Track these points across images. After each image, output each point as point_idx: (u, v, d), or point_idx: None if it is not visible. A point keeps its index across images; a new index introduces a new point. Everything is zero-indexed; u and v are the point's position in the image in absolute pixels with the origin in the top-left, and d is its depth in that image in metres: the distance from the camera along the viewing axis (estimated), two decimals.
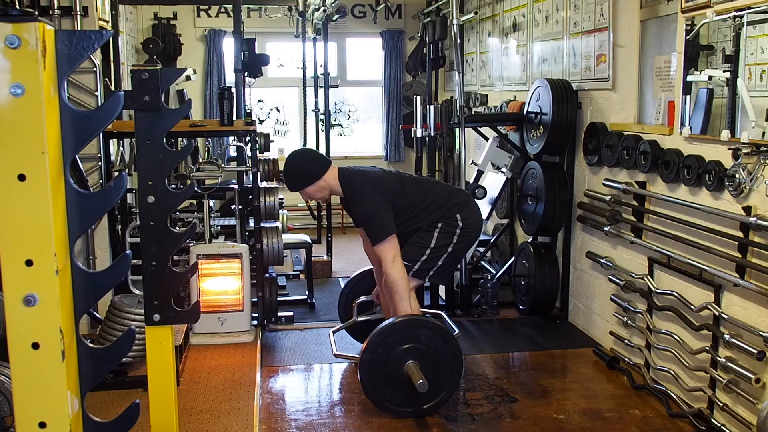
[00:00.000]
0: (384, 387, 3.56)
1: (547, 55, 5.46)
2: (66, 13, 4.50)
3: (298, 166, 3.85)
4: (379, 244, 3.68)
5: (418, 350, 3.53)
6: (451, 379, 3.61)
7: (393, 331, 3.54)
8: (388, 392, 3.57)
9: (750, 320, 3.18)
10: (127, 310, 3.62)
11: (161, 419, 1.99)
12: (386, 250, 3.66)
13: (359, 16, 8.63)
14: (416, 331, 3.55)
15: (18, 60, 1.37)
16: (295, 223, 8.03)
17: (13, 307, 1.45)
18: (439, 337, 3.57)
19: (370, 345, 3.53)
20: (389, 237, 3.67)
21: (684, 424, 3.54)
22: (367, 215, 3.76)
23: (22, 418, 1.49)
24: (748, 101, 3.17)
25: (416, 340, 3.53)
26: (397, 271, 3.66)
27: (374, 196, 3.75)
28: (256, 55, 5.56)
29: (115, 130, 4.47)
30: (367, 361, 3.53)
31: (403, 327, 3.56)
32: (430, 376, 3.44)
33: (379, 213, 3.71)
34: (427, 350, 3.54)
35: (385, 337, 3.53)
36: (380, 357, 3.52)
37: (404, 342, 3.52)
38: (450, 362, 3.59)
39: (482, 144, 5.95)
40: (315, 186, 3.81)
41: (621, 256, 4.35)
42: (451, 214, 3.83)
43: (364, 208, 3.78)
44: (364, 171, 3.92)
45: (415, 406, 3.59)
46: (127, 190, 4.57)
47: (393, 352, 3.52)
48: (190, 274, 2.91)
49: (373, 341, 3.53)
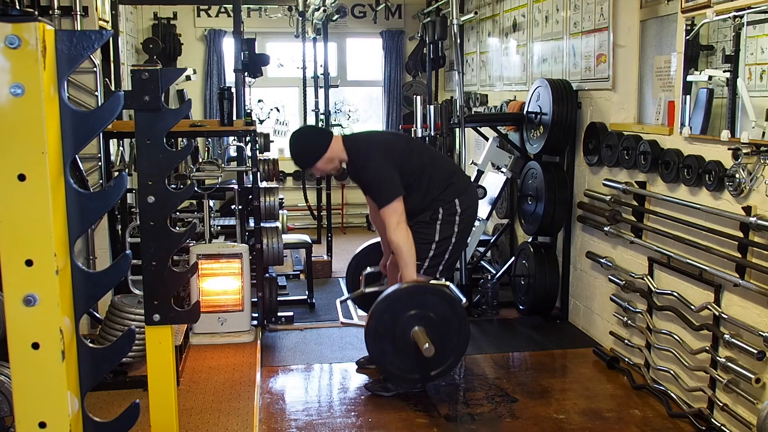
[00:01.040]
0: (391, 354, 3.50)
1: (547, 55, 5.46)
2: (66, 13, 4.50)
3: (304, 146, 3.87)
4: (385, 207, 3.65)
5: (425, 316, 3.46)
6: (458, 346, 3.54)
7: (399, 297, 3.48)
8: (394, 359, 3.51)
9: (750, 320, 3.18)
10: (127, 310, 3.61)
11: (161, 419, 1.99)
12: (391, 215, 3.63)
13: (359, 16, 8.63)
14: (423, 298, 3.49)
15: (18, 60, 1.37)
16: (295, 223, 8.03)
17: (13, 307, 1.44)
18: (445, 303, 3.50)
19: (376, 311, 3.47)
20: (395, 200, 3.64)
21: (684, 424, 3.53)
22: (373, 180, 3.75)
23: (22, 418, 1.49)
24: (748, 101, 3.17)
25: (423, 306, 3.47)
26: (401, 236, 3.62)
27: (380, 160, 3.74)
28: (256, 55, 5.55)
29: (115, 130, 4.47)
30: (374, 328, 3.47)
31: (410, 293, 3.50)
32: (437, 342, 3.37)
33: (385, 176, 3.69)
34: (434, 317, 3.47)
35: (391, 303, 3.47)
36: (386, 323, 3.45)
37: (411, 308, 3.46)
38: (457, 329, 3.52)
39: (482, 144, 5.95)
40: (323, 160, 3.81)
41: (621, 256, 4.35)
42: (451, 198, 3.80)
43: (370, 173, 3.76)
44: (370, 135, 3.90)
45: (422, 373, 3.53)
46: (127, 190, 4.58)
47: (399, 318, 3.45)
48: (190, 274, 2.91)
49: (380, 307, 3.47)
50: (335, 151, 3.81)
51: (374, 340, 3.49)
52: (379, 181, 3.70)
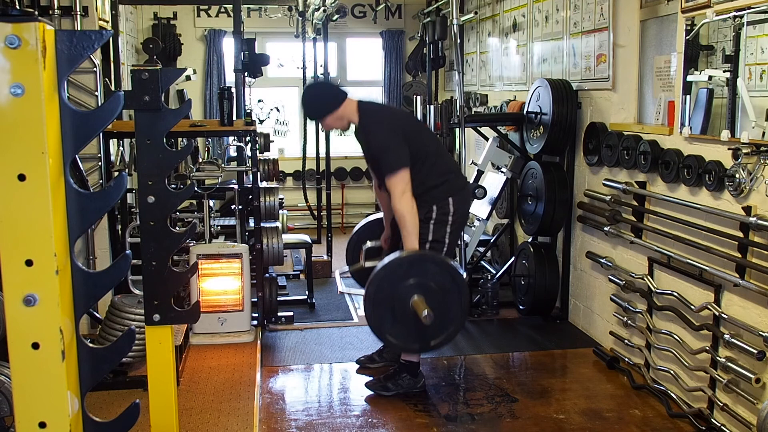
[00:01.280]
0: (390, 322, 3.44)
1: (547, 55, 5.46)
2: (66, 13, 4.49)
3: (318, 97, 3.89)
4: (391, 175, 3.64)
5: (425, 285, 3.40)
6: (457, 316, 3.48)
7: (399, 264, 3.43)
8: (394, 328, 3.46)
9: (750, 320, 3.18)
10: (127, 310, 3.61)
11: (161, 419, 1.99)
12: (397, 183, 3.63)
13: (359, 16, 8.63)
14: (423, 266, 3.44)
15: (18, 60, 1.37)
16: (295, 223, 8.03)
17: (13, 307, 1.44)
18: (446, 273, 3.45)
19: (375, 278, 3.41)
20: (401, 170, 3.63)
21: (684, 424, 3.54)
22: (382, 146, 3.73)
23: (22, 418, 1.49)
24: (748, 101, 3.17)
25: (423, 275, 3.41)
26: (406, 205, 3.61)
27: (391, 130, 3.75)
28: (256, 55, 5.55)
29: (115, 130, 4.47)
30: (373, 295, 3.41)
31: (410, 261, 3.45)
32: (436, 312, 3.31)
33: (394, 145, 3.69)
34: (434, 286, 3.41)
35: (391, 271, 3.42)
36: (386, 291, 3.39)
37: (411, 276, 3.40)
38: (457, 299, 3.45)
39: (482, 144, 5.95)
40: (333, 116, 3.82)
41: (621, 256, 4.35)
42: (445, 196, 3.79)
43: (380, 139, 3.76)
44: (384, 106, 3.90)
45: (421, 342, 3.48)
46: (127, 190, 4.57)
47: (399, 287, 3.40)
48: (190, 274, 2.91)
49: (379, 275, 3.41)
50: (347, 111, 3.82)
51: (373, 307, 3.42)
52: (388, 149, 3.70)
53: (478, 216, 5.52)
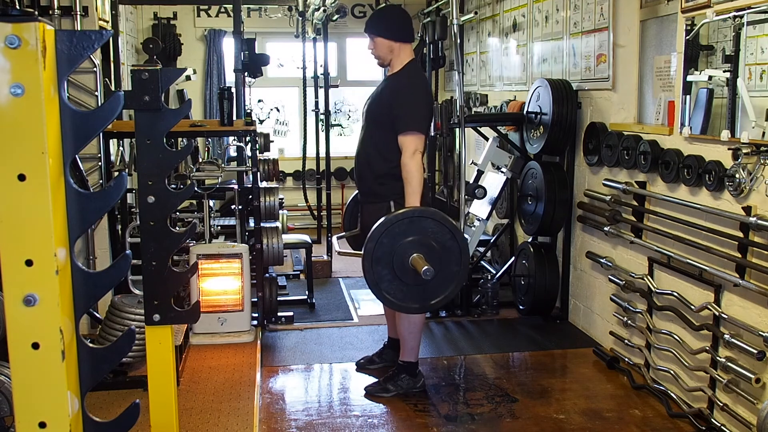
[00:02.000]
0: (388, 280, 3.38)
1: (547, 55, 5.46)
2: (66, 13, 4.49)
3: (392, 16, 3.89)
4: (406, 133, 3.64)
5: (425, 243, 3.33)
6: (458, 275, 3.43)
7: (399, 220, 3.36)
8: (392, 286, 3.40)
9: (750, 320, 3.18)
10: (127, 310, 3.61)
11: (161, 419, 1.99)
12: (411, 141, 3.63)
13: (359, 16, 8.63)
14: (423, 223, 3.37)
15: (18, 60, 1.37)
16: (295, 223, 8.03)
17: (13, 307, 1.44)
18: (446, 230, 3.38)
19: (374, 234, 3.34)
20: (419, 132, 3.65)
21: (684, 424, 3.54)
22: (410, 100, 3.71)
23: (22, 418, 1.48)
24: (748, 101, 3.17)
25: (423, 232, 3.35)
26: (415, 164, 3.62)
27: (425, 96, 3.79)
28: (256, 55, 5.55)
29: (115, 130, 4.47)
30: (371, 251, 3.34)
31: (410, 218, 3.39)
32: (436, 269, 3.25)
33: (421, 108, 3.70)
34: (434, 244, 3.35)
35: (390, 226, 3.34)
36: (385, 247, 3.33)
37: (410, 234, 3.34)
38: (457, 258, 3.40)
39: (482, 144, 5.95)
40: (386, 43, 3.81)
41: (621, 256, 4.35)
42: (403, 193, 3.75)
43: (412, 93, 3.74)
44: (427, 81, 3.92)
45: (421, 301, 3.44)
46: (127, 190, 4.57)
47: (398, 244, 3.34)
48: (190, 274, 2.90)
49: (378, 230, 3.35)
50: (401, 51, 3.82)
51: (372, 264, 3.36)
52: (416, 106, 3.69)
53: (478, 216, 5.51)
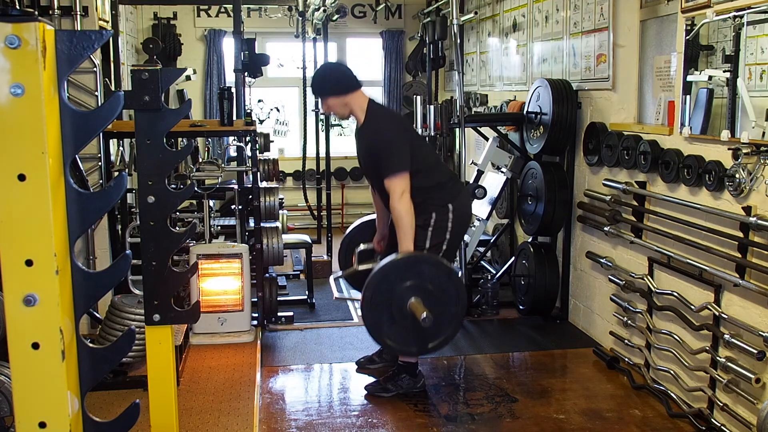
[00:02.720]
0: (387, 325, 3.43)
1: (547, 55, 5.46)
2: (66, 13, 4.49)
3: (330, 74, 3.87)
4: (391, 177, 3.63)
5: (422, 287, 3.39)
6: (455, 317, 3.48)
7: (395, 267, 3.42)
8: (391, 330, 3.45)
9: (750, 320, 3.18)
10: (127, 310, 3.61)
11: (161, 419, 1.99)
12: (396, 184, 3.62)
13: (359, 16, 8.63)
14: (419, 268, 3.43)
15: (18, 60, 1.37)
16: (295, 223, 8.03)
17: (13, 307, 1.44)
18: (442, 273, 3.45)
19: (372, 281, 3.40)
20: (402, 173, 3.63)
21: (684, 424, 3.54)
22: (385, 145, 3.72)
23: (22, 418, 1.49)
24: (748, 101, 3.17)
25: (419, 276, 3.40)
26: (404, 206, 3.60)
27: (397, 132, 3.75)
28: (256, 55, 5.55)
29: (115, 130, 4.47)
30: (369, 299, 3.40)
31: (406, 263, 3.45)
32: (434, 314, 3.30)
33: (397, 147, 3.69)
34: (431, 287, 3.40)
35: (387, 273, 3.41)
36: (383, 294, 3.39)
37: (407, 279, 3.39)
38: (454, 299, 3.45)
39: (482, 144, 5.95)
40: (338, 100, 3.79)
41: (621, 256, 4.35)
42: (444, 203, 3.78)
43: (383, 138, 3.74)
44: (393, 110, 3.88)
45: (419, 345, 3.47)
46: (127, 190, 4.57)
47: (396, 289, 3.38)
48: (190, 274, 2.91)
49: (376, 278, 3.41)
50: (354, 101, 3.79)
51: (370, 311, 3.42)
52: (392, 149, 3.69)
53: (478, 216, 5.51)
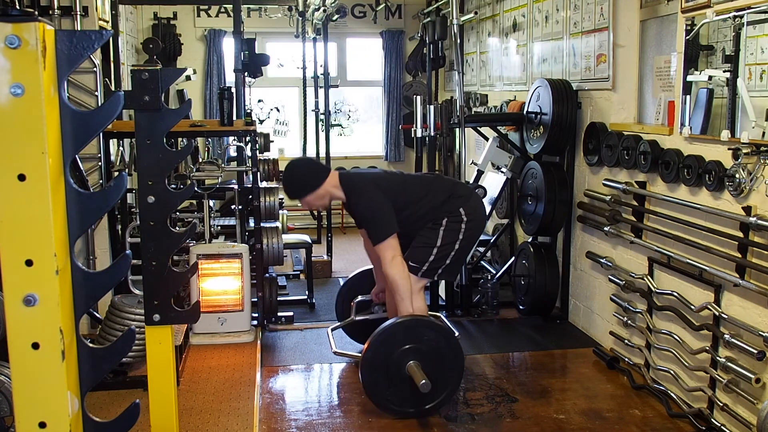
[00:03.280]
0: (385, 386, 3.55)
1: (547, 55, 5.46)
2: (66, 13, 4.50)
3: (298, 176, 3.87)
4: (379, 243, 3.68)
5: (420, 350, 3.53)
6: (452, 380, 3.61)
7: (396, 330, 3.54)
8: (389, 392, 3.56)
9: (750, 320, 3.18)
10: (127, 310, 3.61)
11: (161, 419, 1.99)
12: (386, 250, 3.66)
13: (359, 16, 8.63)
14: (419, 331, 3.55)
15: (18, 60, 1.37)
16: (295, 223, 8.03)
17: (13, 307, 1.45)
18: (441, 337, 3.57)
19: (372, 344, 3.52)
20: (389, 237, 3.66)
21: (684, 424, 3.53)
22: (367, 215, 3.78)
23: (22, 418, 1.49)
24: (748, 101, 3.17)
25: (419, 340, 3.53)
26: (397, 270, 3.65)
27: (374, 195, 3.75)
28: (256, 55, 5.55)
29: (115, 130, 4.47)
30: (369, 360, 3.52)
31: (406, 327, 3.56)
32: (431, 376, 3.44)
33: (379, 212, 3.72)
34: (429, 350, 3.54)
35: (387, 336, 3.53)
36: (382, 356, 3.51)
37: (406, 342, 3.52)
38: (451, 363, 3.59)
39: (482, 144, 5.95)
40: (314, 194, 3.83)
41: (621, 256, 4.35)
42: (454, 209, 3.81)
43: (364, 208, 3.79)
44: (365, 172, 3.95)
45: (417, 406, 3.58)
46: (127, 190, 4.57)
47: (395, 352, 3.51)
48: (190, 274, 2.91)
49: (376, 340, 3.52)
50: (328, 187, 3.83)
51: (369, 371, 3.54)
52: (374, 217, 3.73)
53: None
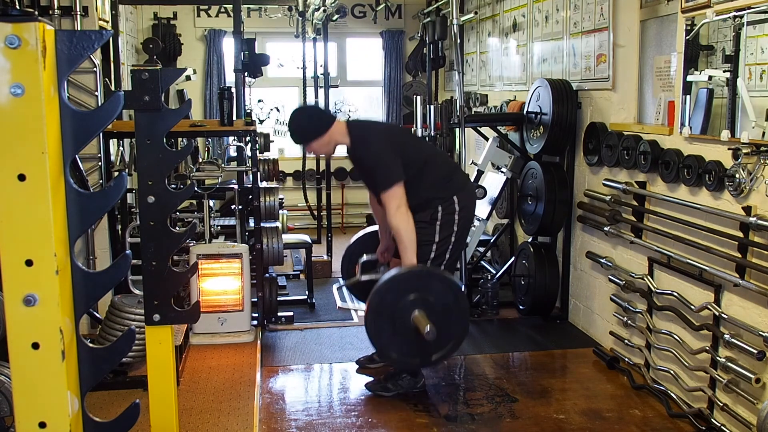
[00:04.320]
0: (389, 335, 3.44)
1: (547, 55, 5.46)
2: (66, 13, 4.50)
3: (304, 122, 3.87)
4: (385, 191, 3.64)
5: (427, 300, 3.40)
6: (457, 333, 3.49)
7: (405, 278, 3.45)
8: (393, 341, 3.46)
9: (750, 320, 3.18)
10: (127, 310, 3.61)
11: (161, 419, 1.99)
12: (391, 198, 3.62)
13: (359, 16, 8.63)
14: (428, 281, 3.45)
15: (18, 60, 1.37)
16: (295, 223, 8.03)
17: (13, 307, 1.44)
18: (448, 289, 3.46)
19: (380, 290, 3.41)
20: (395, 185, 3.63)
21: (684, 424, 3.54)
22: (374, 162, 3.74)
23: (22, 418, 1.49)
24: (748, 101, 3.17)
25: (426, 290, 3.42)
26: (401, 220, 3.60)
27: (383, 145, 3.74)
28: (256, 55, 5.55)
29: (115, 130, 4.47)
30: (375, 306, 3.40)
31: (417, 275, 3.48)
32: (437, 326, 3.30)
33: (386, 160, 3.69)
34: (436, 302, 3.41)
35: (396, 283, 3.43)
36: (388, 303, 3.40)
37: (414, 291, 3.41)
38: (457, 316, 3.47)
39: (482, 144, 5.95)
40: (320, 141, 3.81)
41: (621, 256, 4.35)
42: (449, 196, 3.79)
43: (371, 156, 3.76)
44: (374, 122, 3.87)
45: (422, 357, 3.48)
46: (127, 190, 4.57)
47: (402, 300, 3.39)
48: (190, 274, 2.91)
49: (383, 287, 3.42)
50: (335, 134, 3.81)
51: (374, 321, 3.43)
52: (381, 164, 3.70)
53: (478, 216, 5.51)
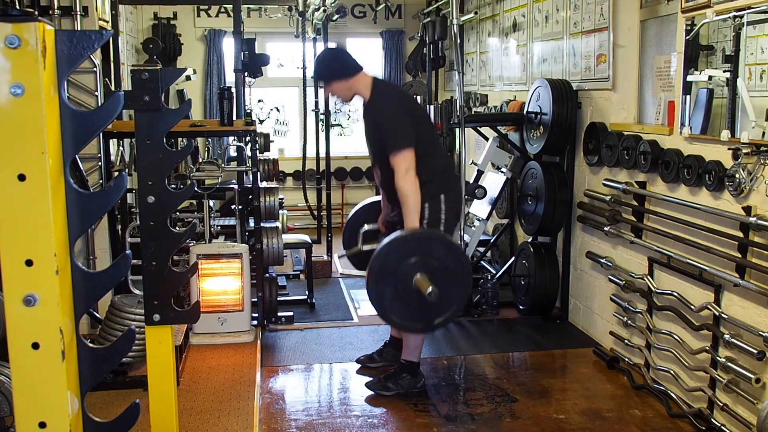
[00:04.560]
0: (391, 298, 3.39)
1: (547, 55, 5.46)
2: (66, 13, 4.49)
3: (332, 60, 3.91)
4: (395, 153, 3.64)
5: (429, 264, 3.34)
6: (459, 297, 3.44)
7: (407, 240, 3.40)
8: (394, 304, 3.41)
9: (750, 320, 3.18)
10: (127, 310, 3.61)
11: (161, 419, 1.99)
12: (401, 161, 3.62)
13: (359, 16, 8.63)
14: (430, 245, 3.40)
15: (18, 60, 1.37)
16: (295, 223, 8.03)
17: (13, 307, 1.44)
18: (451, 253, 3.42)
19: (382, 251, 3.36)
20: (407, 149, 3.63)
21: (684, 424, 3.54)
22: (390, 123, 3.73)
23: (22, 418, 1.49)
24: (748, 101, 3.17)
25: (428, 253, 3.36)
26: (409, 183, 3.61)
27: (401, 109, 3.76)
28: (256, 55, 5.55)
29: (115, 130, 4.47)
30: (377, 268, 3.35)
31: (419, 238, 3.44)
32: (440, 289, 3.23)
33: (401, 123, 3.70)
34: (438, 265, 3.35)
35: (398, 245, 3.37)
36: (390, 266, 3.34)
37: (416, 253, 3.34)
38: (460, 280, 3.41)
39: (482, 144, 5.95)
40: (342, 83, 3.83)
41: (621, 256, 4.35)
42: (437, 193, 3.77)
43: (387, 115, 3.75)
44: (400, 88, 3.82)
45: (425, 321, 3.45)
46: (127, 190, 4.57)
47: (404, 263, 3.34)
48: (190, 274, 2.91)
49: (385, 249, 3.37)
50: (358, 83, 3.83)
51: (376, 283, 3.37)
52: (396, 126, 3.70)
53: (478, 216, 5.51)
